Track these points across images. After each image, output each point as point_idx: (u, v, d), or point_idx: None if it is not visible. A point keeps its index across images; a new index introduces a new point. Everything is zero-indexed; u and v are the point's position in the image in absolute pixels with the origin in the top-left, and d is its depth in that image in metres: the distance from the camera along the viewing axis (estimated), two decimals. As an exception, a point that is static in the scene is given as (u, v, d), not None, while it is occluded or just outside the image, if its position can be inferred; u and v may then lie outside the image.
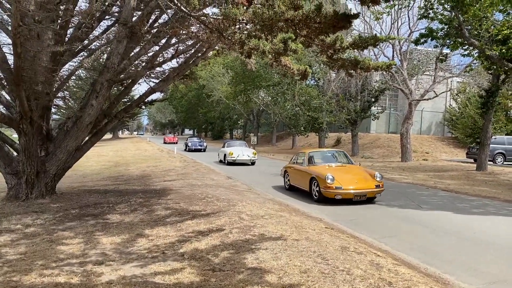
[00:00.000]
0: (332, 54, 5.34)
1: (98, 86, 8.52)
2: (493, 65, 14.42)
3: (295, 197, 10.73)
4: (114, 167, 19.15)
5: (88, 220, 7.21)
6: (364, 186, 9.48)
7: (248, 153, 21.09)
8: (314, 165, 10.78)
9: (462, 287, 4.38)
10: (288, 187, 12.02)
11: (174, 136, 56.35)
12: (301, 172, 10.93)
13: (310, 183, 10.14)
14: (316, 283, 4.04)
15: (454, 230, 7.11)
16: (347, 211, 8.92)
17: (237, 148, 21.73)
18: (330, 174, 9.39)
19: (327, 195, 9.42)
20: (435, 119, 35.58)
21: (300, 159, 11.61)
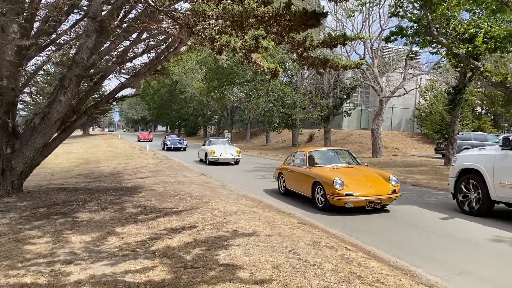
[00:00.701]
0: (302, 52, 5.37)
1: (66, 82, 8.30)
2: (460, 63, 14.85)
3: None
4: (85, 165, 18.74)
5: (56, 219, 7.04)
6: (379, 191, 8.07)
7: (231, 151, 19.48)
8: (316, 166, 9.38)
9: (428, 278, 4.51)
10: (283, 192, 10.64)
11: (148, 133, 53.48)
12: (300, 175, 9.52)
13: (312, 189, 8.77)
14: (288, 278, 4.08)
15: (423, 224, 7.31)
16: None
17: (220, 146, 20.16)
18: (338, 178, 7.92)
19: (336, 203, 8.01)
20: (405, 115, 36.42)
21: (298, 159, 10.22)
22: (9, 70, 7.19)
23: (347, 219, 7.71)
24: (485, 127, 30.75)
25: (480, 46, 13.10)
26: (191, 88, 41.95)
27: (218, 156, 18.87)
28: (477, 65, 13.84)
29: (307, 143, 34.19)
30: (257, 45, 4.47)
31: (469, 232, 6.82)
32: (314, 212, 8.38)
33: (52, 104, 8.43)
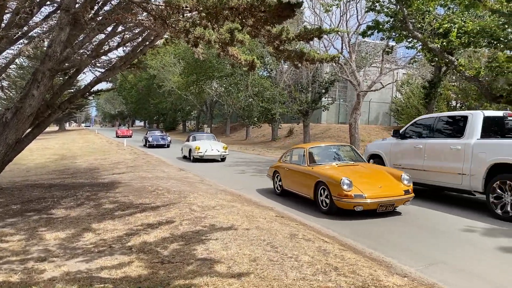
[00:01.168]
0: (279, 45, 5.37)
1: (39, 75, 8.08)
2: (435, 57, 15.12)
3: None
4: (60, 160, 18.36)
5: (30, 216, 6.89)
6: (391, 192, 7.26)
7: (217, 147, 18.24)
8: (318, 164, 8.41)
9: (403, 269, 4.60)
10: (279, 192, 9.66)
11: (127, 129, 50.36)
12: (300, 174, 8.60)
13: (315, 189, 7.83)
14: (265, 271, 4.10)
15: (398, 216, 7.44)
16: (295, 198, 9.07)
17: (205, 142, 18.87)
18: (346, 178, 7.06)
19: (343, 206, 7.13)
20: (382, 109, 36.92)
21: (296, 156, 9.31)
22: (-22, 63, 6.96)
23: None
24: (459, 120, 31.40)
25: (454, 41, 13.35)
26: (169, 82, 41.48)
27: (203, 152, 17.71)
28: (451, 59, 14.11)
29: (286, 137, 34.32)
30: (232, 38, 4.44)
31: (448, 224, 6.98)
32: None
33: (25, 98, 8.20)
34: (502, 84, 15.54)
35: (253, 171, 14.59)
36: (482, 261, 5.02)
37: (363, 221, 7.05)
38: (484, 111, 8.53)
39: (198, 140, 19.35)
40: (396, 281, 4.01)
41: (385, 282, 3.92)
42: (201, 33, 4.37)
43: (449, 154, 8.38)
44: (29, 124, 8.68)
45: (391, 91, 34.68)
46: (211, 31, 4.45)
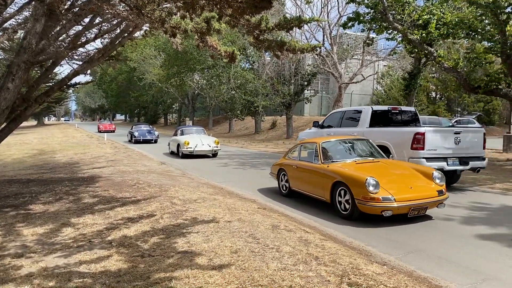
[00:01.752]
0: (258, 35, 5.33)
1: (14, 68, 7.86)
2: (414, 49, 15.29)
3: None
4: (39, 155, 18.00)
5: (7, 212, 6.74)
6: (423, 193, 6.30)
7: (208, 142, 16.80)
8: (334, 162, 7.29)
9: (382, 257, 4.65)
10: (286, 193, 8.60)
11: (110, 123, 47.00)
12: (312, 173, 7.50)
13: (332, 191, 6.79)
14: (246, 262, 4.09)
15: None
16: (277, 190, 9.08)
17: (194, 136, 17.41)
18: (372, 178, 6.06)
19: (369, 211, 6.14)
20: (363, 101, 37.24)
21: (306, 152, 8.28)
22: (-51, 55, 6.73)
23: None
24: (439, 111, 31.95)
25: (433, 32, 13.52)
26: (150, 75, 41.00)
27: (193, 148, 16.28)
28: (431, 50, 14.29)
29: (269, 130, 34.36)
30: (209, 28, 4.38)
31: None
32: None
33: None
34: (480, 75, 15.85)
35: (236, 164, 14.57)
36: (456, 247, 5.11)
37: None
38: (373, 106, 11.17)
39: (186, 134, 17.91)
40: (376, 269, 4.06)
41: (365, 271, 3.96)
42: (177, 23, 4.29)
43: None
44: (5, 118, 8.46)
45: (372, 83, 35.01)
46: (187, 20, 4.39)
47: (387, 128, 10.11)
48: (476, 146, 9.41)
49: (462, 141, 9.09)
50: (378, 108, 11.08)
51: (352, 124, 10.96)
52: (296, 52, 5.86)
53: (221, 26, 4.59)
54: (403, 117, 10.98)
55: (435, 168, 7.86)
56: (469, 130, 10.09)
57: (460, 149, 9.08)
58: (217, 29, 4.56)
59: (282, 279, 3.67)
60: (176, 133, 18.96)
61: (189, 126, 21.40)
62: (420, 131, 8.93)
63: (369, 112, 10.51)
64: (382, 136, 9.78)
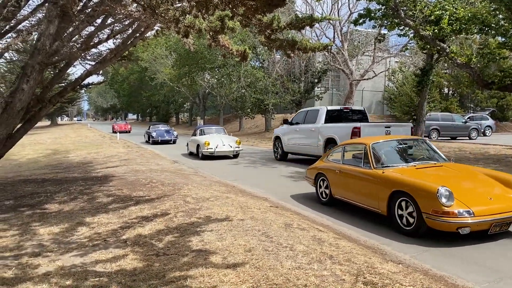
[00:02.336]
0: (270, 34, 5.32)
1: (29, 70, 7.98)
2: (427, 45, 15.11)
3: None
4: (53, 155, 18.24)
5: (24, 211, 6.85)
6: (506, 205, 5.27)
7: (229, 142, 15.87)
8: (389, 166, 6.17)
9: (397, 256, 4.63)
10: (326, 200, 7.50)
11: (126, 123, 43.21)
12: (361, 179, 6.43)
13: (389, 202, 5.72)
14: (260, 261, 4.10)
15: None
16: (289, 188, 9.07)
17: (214, 136, 16.44)
18: (444, 188, 5.07)
19: (440, 227, 5.11)
20: (375, 98, 36.99)
21: (351, 154, 7.23)
22: (-35, 58, 6.85)
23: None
24: (452, 107, 31.59)
25: (445, 28, 13.34)
26: (161, 75, 41.18)
27: (213, 148, 15.35)
28: (443, 46, 14.12)
29: (280, 127, 34.25)
30: (223, 26, 4.39)
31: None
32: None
33: (15, 93, 8.10)
34: (493, 70, 15.59)
35: (247, 162, 14.58)
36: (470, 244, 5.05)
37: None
38: (328, 107, 13.73)
39: (207, 134, 16.92)
40: (391, 268, 4.04)
41: (380, 269, 3.94)
42: (191, 22, 4.31)
43: (311, 134, 13.08)
44: (20, 119, 8.59)
45: (384, 80, 34.74)
46: (201, 19, 4.40)
47: (335, 124, 12.48)
48: None
49: (392, 134, 11.11)
50: (332, 108, 13.78)
51: (312, 121, 13.29)
52: (307, 51, 5.84)
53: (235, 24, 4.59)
54: (353, 115, 13.37)
55: None
56: (398, 125, 12.60)
57: None
58: (231, 27, 4.56)
59: (296, 278, 3.68)
60: (195, 133, 17.90)
61: (209, 126, 19.68)
62: (357, 126, 11.12)
63: (324, 111, 12.97)
64: (332, 130, 12.13)
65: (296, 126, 14.14)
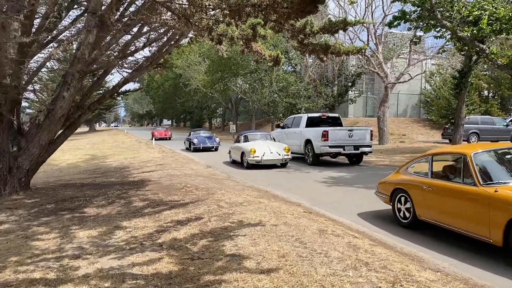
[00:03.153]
0: (303, 39, 5.32)
1: (69, 78, 8.31)
2: (465, 46, 14.68)
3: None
4: (91, 160, 18.85)
5: (64, 215, 7.10)
6: None
7: (277, 149, 14.46)
8: (502, 184, 4.82)
9: (436, 263, 4.49)
10: (408, 223, 6.20)
11: (166, 130, 40.12)
12: (463, 199, 5.16)
13: (507, 230, 4.42)
14: (294, 267, 4.07)
15: None
16: (324, 194, 8.98)
17: (260, 143, 14.92)
18: None
19: None
20: (411, 101, 36.14)
21: (442, 166, 6.07)
22: (11, 68, 7.20)
23: (352, 207, 6.63)
24: (492, 110, 30.44)
25: (485, 29, 12.90)
26: (195, 81, 41.86)
27: (260, 156, 14.00)
28: (483, 47, 13.67)
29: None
30: (254, 34, 4.43)
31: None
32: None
33: (56, 100, 8.46)
34: (537, 71, 14.92)
35: (279, 167, 14.56)
36: None
37: None
38: (309, 114, 16.76)
39: (251, 141, 15.47)
40: (429, 276, 3.92)
41: (418, 277, 3.83)
42: (224, 30, 4.37)
43: (295, 136, 15.98)
44: (61, 125, 8.95)
45: (420, 83, 33.90)
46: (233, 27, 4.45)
47: (312, 128, 15.09)
48: (365, 139, 14.39)
49: (354, 136, 14.14)
50: (312, 115, 16.47)
51: (297, 125, 16.28)
52: (341, 55, 5.79)
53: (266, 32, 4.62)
54: (330, 120, 16.30)
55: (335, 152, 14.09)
56: (359, 128, 15.22)
57: (353, 141, 14.08)
58: (263, 35, 4.59)
59: (331, 285, 3.63)
60: (238, 139, 16.50)
61: (253, 131, 18.14)
62: (326, 129, 14.01)
63: (306, 118, 15.96)
64: (309, 133, 14.73)
65: (285, 129, 17.35)
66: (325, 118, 16.33)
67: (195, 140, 23.20)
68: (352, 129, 14.55)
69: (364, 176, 11.51)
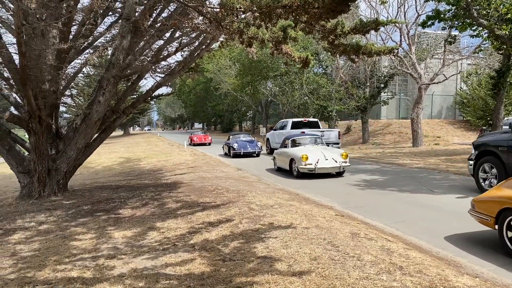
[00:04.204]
0: (334, 40, 5.27)
1: (104, 83, 8.57)
2: (503, 45, 14.16)
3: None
4: (126, 163, 19.32)
5: (100, 216, 7.30)
6: None
7: (332, 155, 12.27)
8: None
9: (474, 269, 4.34)
10: None
11: (206, 134, 35.63)
12: None
13: None
14: (326, 270, 4.03)
15: None
16: (356, 197, 8.87)
17: (311, 148, 13.07)
18: None
19: None
20: (445, 103, 35.13)
21: None
22: (50, 73, 7.49)
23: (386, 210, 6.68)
24: (531, 111, 29.16)
25: (524, 26, 12.42)
26: (225, 85, 42.24)
27: (313, 164, 11.81)
28: (522, 46, 13.14)
29: (344, 134, 33.67)
30: (285, 36, 4.43)
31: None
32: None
33: (92, 105, 8.73)
34: None
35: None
36: None
37: None
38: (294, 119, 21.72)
39: (300, 145, 13.61)
40: (467, 282, 3.79)
41: (455, 283, 3.71)
42: (254, 33, 4.39)
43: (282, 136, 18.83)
44: (97, 129, 9.22)
45: (456, 83, 32.93)
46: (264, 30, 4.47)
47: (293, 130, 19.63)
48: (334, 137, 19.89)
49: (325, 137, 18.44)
50: (296, 120, 21.44)
51: (283, 128, 20.96)
52: (372, 55, 5.71)
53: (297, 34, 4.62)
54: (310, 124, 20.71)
55: None
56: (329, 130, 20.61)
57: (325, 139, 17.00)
58: (293, 36, 4.59)
59: (364, 289, 3.57)
60: (284, 144, 14.49)
61: (301, 135, 15.55)
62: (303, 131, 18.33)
63: (291, 122, 20.94)
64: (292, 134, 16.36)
65: (276, 131, 21.68)
66: (306, 122, 21.02)
67: (235, 145, 20.94)
68: (323, 130, 20.34)
69: (397, 179, 11.27)
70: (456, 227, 6.19)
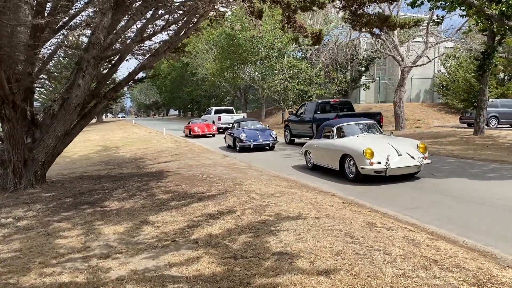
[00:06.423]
0: (357, 9, 4.78)
1: (84, 64, 7.85)
2: (492, 25, 13.97)
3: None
4: (103, 151, 18.44)
5: (85, 209, 6.69)
6: None
7: (407, 149, 8.52)
8: None
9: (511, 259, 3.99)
10: None
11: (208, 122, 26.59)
12: None
13: None
14: (355, 267, 3.60)
15: (477, 197, 6.73)
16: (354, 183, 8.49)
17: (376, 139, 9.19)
18: None
19: None
20: (424, 86, 35.33)
21: None
22: (24, 53, 6.73)
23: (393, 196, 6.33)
24: (509, 93, 29.57)
25: (515, 6, 12.22)
26: (203, 70, 41.20)
27: (382, 163, 8.08)
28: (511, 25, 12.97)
29: (324, 119, 33.40)
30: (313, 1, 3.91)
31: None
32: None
33: (71, 89, 8.01)
34: None
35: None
36: None
37: None
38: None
39: (352, 135, 9.62)
40: (512, 276, 3.43)
41: (501, 278, 3.34)
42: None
43: None
44: (76, 114, 8.50)
45: (433, 66, 33.04)
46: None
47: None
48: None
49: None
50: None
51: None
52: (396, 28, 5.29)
53: None
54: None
55: None
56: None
57: None
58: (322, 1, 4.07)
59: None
60: (325, 133, 10.42)
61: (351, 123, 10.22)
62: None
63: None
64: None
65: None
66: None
67: (243, 135, 15.58)
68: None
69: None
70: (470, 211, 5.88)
